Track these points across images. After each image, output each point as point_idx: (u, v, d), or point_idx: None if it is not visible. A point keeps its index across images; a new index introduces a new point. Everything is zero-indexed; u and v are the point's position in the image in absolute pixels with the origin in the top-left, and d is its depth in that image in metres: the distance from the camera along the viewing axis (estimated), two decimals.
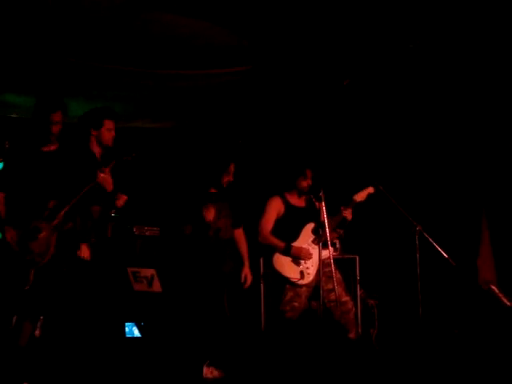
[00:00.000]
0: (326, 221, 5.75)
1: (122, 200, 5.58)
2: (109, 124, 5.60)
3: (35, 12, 5.78)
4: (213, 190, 6.09)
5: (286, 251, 6.14)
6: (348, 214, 6.19)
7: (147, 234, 7.87)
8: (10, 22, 5.96)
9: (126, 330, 6.59)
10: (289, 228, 6.25)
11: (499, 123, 7.00)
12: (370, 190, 6.27)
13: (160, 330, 6.51)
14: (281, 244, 6.17)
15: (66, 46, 6.51)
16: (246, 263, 6.24)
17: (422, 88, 7.19)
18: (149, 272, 6.49)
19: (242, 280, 6.19)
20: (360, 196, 6.25)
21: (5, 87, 7.30)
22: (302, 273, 6.13)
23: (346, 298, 6.16)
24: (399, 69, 6.92)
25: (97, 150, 5.61)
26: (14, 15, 5.85)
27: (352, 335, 6.18)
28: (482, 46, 6.30)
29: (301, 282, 6.12)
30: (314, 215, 6.21)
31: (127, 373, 5.43)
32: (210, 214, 5.94)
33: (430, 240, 6.01)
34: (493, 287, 6.13)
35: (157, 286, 6.47)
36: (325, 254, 5.88)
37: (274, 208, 6.33)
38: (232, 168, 6.14)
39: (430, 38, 6.31)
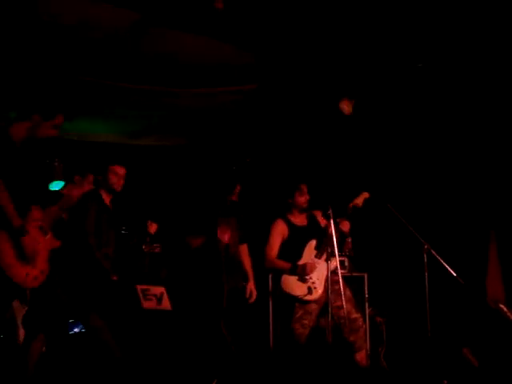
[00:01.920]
0: (334, 238, 5.76)
1: (153, 227, 5.73)
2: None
3: (41, 28, 5.85)
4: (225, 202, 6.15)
5: (293, 271, 6.17)
6: (345, 225, 6.20)
7: (156, 251, 7.88)
8: (15, 41, 6.03)
9: None
10: (292, 248, 6.31)
11: (508, 141, 7.00)
12: (365, 195, 6.32)
13: (167, 348, 6.51)
14: (286, 265, 6.21)
15: (75, 64, 6.58)
16: (251, 278, 6.29)
17: (430, 104, 7.21)
18: (158, 290, 6.50)
19: (247, 295, 6.23)
20: (356, 201, 6.28)
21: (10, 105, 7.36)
22: (309, 289, 6.15)
23: (356, 315, 6.17)
24: (401, 84, 6.96)
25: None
26: (21, 33, 5.92)
27: (361, 355, 6.17)
28: (484, 56, 6.33)
29: (308, 297, 6.13)
30: (316, 231, 6.26)
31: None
32: (225, 236, 6.00)
33: (439, 258, 6.01)
34: (501, 306, 6.11)
35: (166, 304, 6.48)
36: (331, 267, 5.89)
37: (279, 232, 6.38)
38: (237, 189, 6.19)
39: (430, 50, 6.35)
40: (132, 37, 6.01)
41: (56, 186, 5.66)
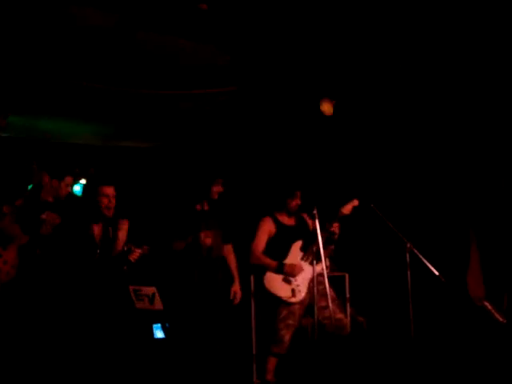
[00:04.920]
0: (319, 238, 5.78)
1: (135, 254, 5.62)
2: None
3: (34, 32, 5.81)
4: (199, 207, 6.09)
5: (279, 269, 6.16)
6: (335, 228, 6.22)
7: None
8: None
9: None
10: (278, 247, 6.29)
11: (488, 141, 7.07)
12: (355, 202, 6.33)
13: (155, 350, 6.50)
14: (273, 263, 6.19)
15: (57, 66, 6.53)
16: (236, 279, 6.28)
17: (409, 104, 7.26)
18: (150, 290, 6.47)
19: (232, 296, 6.21)
20: (346, 209, 6.29)
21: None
22: (293, 291, 6.15)
23: (340, 315, 6.17)
24: (389, 85, 7.00)
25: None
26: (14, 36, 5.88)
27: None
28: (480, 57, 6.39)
29: (292, 299, 6.14)
30: (303, 233, 6.26)
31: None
32: (209, 240, 5.98)
33: (421, 257, 6.05)
34: (486, 303, 6.15)
35: (158, 304, 6.46)
36: (317, 270, 5.90)
37: (266, 229, 6.37)
38: (220, 180, 6.17)
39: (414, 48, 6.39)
40: (113, 38, 5.98)
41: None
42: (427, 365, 6.09)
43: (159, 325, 6.54)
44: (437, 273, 5.99)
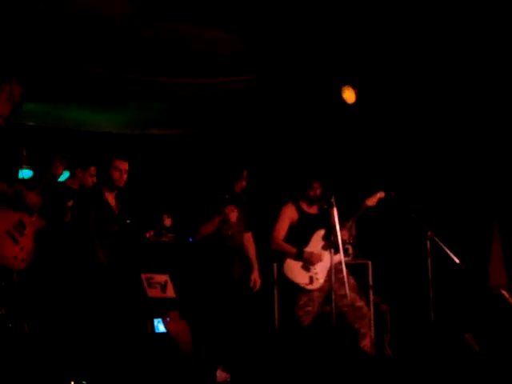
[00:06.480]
0: (337, 226, 5.81)
1: (168, 221, 5.68)
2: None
3: (50, 20, 5.87)
4: (227, 196, 6.13)
5: (298, 256, 6.20)
6: (344, 235, 6.21)
7: (163, 239, 7.92)
8: (25, 31, 6.06)
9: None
10: (300, 234, 6.33)
11: None
12: (381, 194, 6.32)
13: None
14: (293, 250, 6.24)
15: (81, 55, 6.61)
16: (255, 267, 6.26)
17: (435, 95, 7.20)
18: (162, 278, 6.53)
19: (251, 284, 6.23)
20: (371, 201, 6.30)
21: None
22: (311, 278, 6.20)
23: (360, 303, 6.21)
24: (410, 74, 6.95)
25: None
26: (29, 24, 5.95)
27: (365, 342, 6.21)
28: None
29: (310, 287, 6.19)
30: (326, 222, 6.27)
31: (138, 376, 5.49)
32: (234, 215, 5.95)
33: (442, 245, 6.04)
34: (503, 292, 6.14)
35: (170, 292, 6.52)
36: (336, 259, 5.93)
37: (288, 215, 6.40)
38: (245, 174, 6.18)
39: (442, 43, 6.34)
40: (134, 27, 6.03)
41: (23, 174, 5.61)
42: (447, 351, 6.08)
43: (160, 319, 6.58)
44: (457, 260, 5.98)
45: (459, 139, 7.44)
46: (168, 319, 6.35)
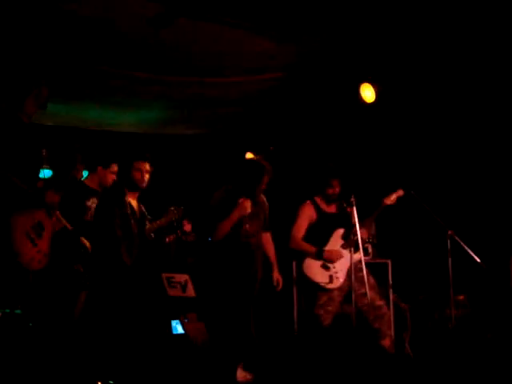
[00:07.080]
0: (357, 225, 5.79)
1: (188, 226, 5.66)
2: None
3: (63, 20, 5.91)
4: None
5: (318, 255, 6.19)
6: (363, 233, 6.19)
7: (183, 239, 7.94)
8: (38, 31, 6.11)
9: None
10: (319, 234, 6.31)
11: None
12: (400, 192, 6.31)
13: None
14: (312, 249, 6.23)
15: (100, 55, 6.65)
16: (276, 267, 6.22)
17: (457, 93, 7.17)
18: (183, 277, 6.56)
19: (275, 283, 6.20)
20: (390, 199, 6.28)
21: None
22: (330, 277, 6.18)
23: (380, 303, 6.20)
24: (431, 72, 6.93)
25: None
26: (42, 24, 5.99)
27: (386, 342, 6.20)
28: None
29: (329, 286, 6.17)
30: (344, 221, 6.25)
31: (158, 374, 5.51)
32: (248, 204, 5.85)
33: (462, 244, 6.02)
34: None
35: (190, 291, 6.55)
36: (356, 257, 5.92)
37: (307, 215, 6.38)
38: (266, 179, 6.12)
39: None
40: (156, 27, 6.04)
41: (44, 174, 5.65)
42: (467, 350, 6.06)
43: (178, 321, 6.60)
44: (478, 260, 5.96)
45: (479, 138, 7.41)
46: (186, 320, 6.39)
